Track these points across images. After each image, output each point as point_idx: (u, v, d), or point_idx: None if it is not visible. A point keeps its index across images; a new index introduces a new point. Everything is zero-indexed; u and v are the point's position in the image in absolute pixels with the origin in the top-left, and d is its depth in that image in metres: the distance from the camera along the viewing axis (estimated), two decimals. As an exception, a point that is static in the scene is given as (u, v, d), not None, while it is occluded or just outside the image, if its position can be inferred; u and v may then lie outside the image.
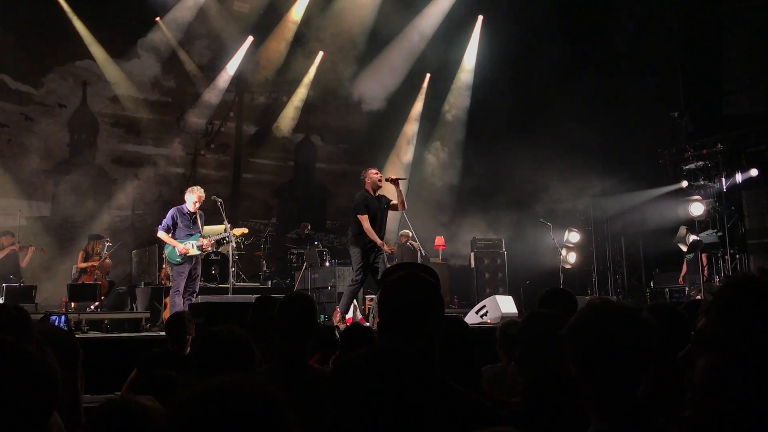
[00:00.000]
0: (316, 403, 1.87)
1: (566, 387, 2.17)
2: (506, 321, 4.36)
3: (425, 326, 2.06)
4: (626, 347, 1.77)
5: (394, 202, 8.48)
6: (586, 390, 1.81)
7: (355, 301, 9.39)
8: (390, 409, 1.54)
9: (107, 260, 11.64)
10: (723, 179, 12.44)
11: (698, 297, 11.25)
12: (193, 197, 8.72)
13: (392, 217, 9.40)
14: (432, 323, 2.08)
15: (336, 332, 4.24)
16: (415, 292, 2.08)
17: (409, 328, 2.03)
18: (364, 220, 8.16)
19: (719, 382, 1.33)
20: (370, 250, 8.25)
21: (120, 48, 14.14)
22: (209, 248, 9.30)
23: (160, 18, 14.16)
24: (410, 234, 11.90)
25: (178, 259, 8.57)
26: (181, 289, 8.46)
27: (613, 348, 1.77)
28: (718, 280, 12.03)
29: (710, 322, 1.36)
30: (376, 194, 8.47)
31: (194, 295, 8.69)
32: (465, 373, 2.84)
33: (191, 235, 8.69)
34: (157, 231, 8.96)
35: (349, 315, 9.09)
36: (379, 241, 8.17)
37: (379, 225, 8.32)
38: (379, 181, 8.43)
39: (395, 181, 8.40)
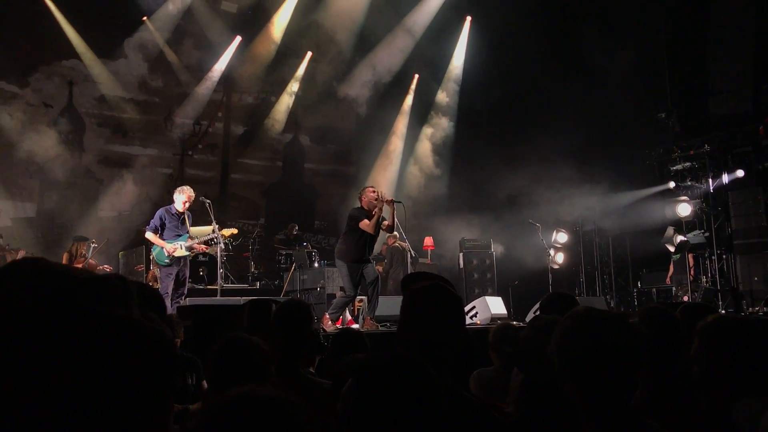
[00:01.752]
0: (310, 411, 1.85)
1: (560, 397, 2.16)
2: (501, 324, 4.35)
3: (450, 337, 2.08)
4: (612, 353, 1.77)
5: (385, 222, 8.41)
6: (577, 399, 1.81)
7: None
8: (409, 419, 1.52)
9: (91, 261, 11.53)
10: (710, 180, 12.51)
11: (685, 298, 11.34)
12: (182, 197, 8.57)
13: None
14: (457, 334, 2.10)
15: (320, 335, 4.21)
16: (444, 303, 2.10)
17: (435, 337, 2.06)
18: (367, 226, 8.06)
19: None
20: (357, 263, 8.16)
21: (107, 47, 14.05)
22: (200, 251, 9.20)
23: (148, 18, 14.08)
24: (398, 235, 11.90)
25: (167, 260, 8.48)
26: (170, 291, 8.37)
27: (599, 355, 1.77)
28: (704, 280, 12.12)
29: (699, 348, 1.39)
30: (372, 212, 8.35)
31: (182, 297, 8.59)
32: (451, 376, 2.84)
33: (179, 235, 8.58)
34: (144, 231, 8.85)
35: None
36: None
37: (370, 241, 8.27)
38: (376, 199, 8.28)
39: (392, 203, 8.35)
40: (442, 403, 1.59)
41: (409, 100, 16.61)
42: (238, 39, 15.08)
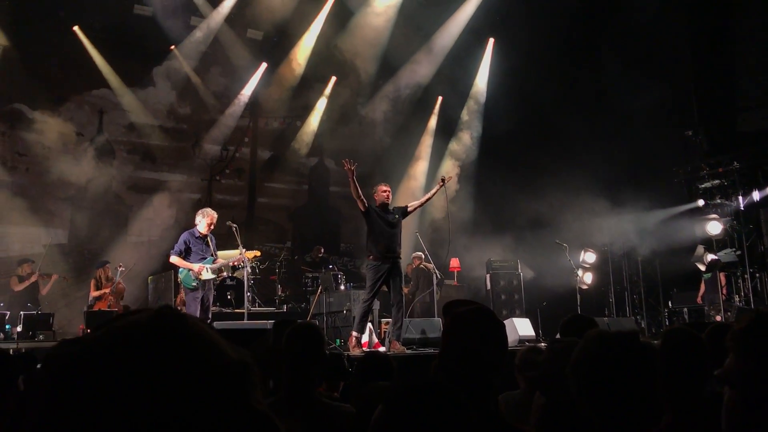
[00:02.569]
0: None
1: (581, 420, 2.15)
2: (527, 347, 4.31)
3: (496, 361, 2.09)
4: (623, 373, 1.76)
5: (413, 204, 8.91)
6: (595, 422, 1.79)
7: (370, 324, 9.36)
8: None
9: (120, 285, 11.69)
10: (740, 197, 12.33)
11: (718, 318, 11.12)
12: (206, 220, 8.62)
13: (405, 238, 9.42)
14: (501, 358, 2.11)
15: (344, 360, 4.17)
16: (489, 327, 2.11)
17: (480, 362, 2.06)
18: (362, 203, 8.41)
19: (739, 415, 1.32)
20: (379, 261, 8.27)
21: (136, 76, 14.34)
22: (223, 272, 9.26)
23: (175, 46, 14.36)
24: (423, 256, 11.88)
25: (194, 284, 8.52)
26: (197, 316, 8.41)
27: (610, 376, 1.76)
28: (737, 299, 11.90)
29: (735, 360, 1.35)
30: (387, 208, 8.55)
31: (207, 321, 8.62)
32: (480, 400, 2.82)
33: (204, 258, 8.65)
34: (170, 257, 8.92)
35: (365, 339, 9.04)
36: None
37: (388, 237, 8.36)
38: (387, 198, 8.56)
39: (443, 181, 8.89)
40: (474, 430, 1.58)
41: (432, 121, 16.66)
42: (264, 65, 15.31)
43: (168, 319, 0.84)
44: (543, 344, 8.10)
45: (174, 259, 8.66)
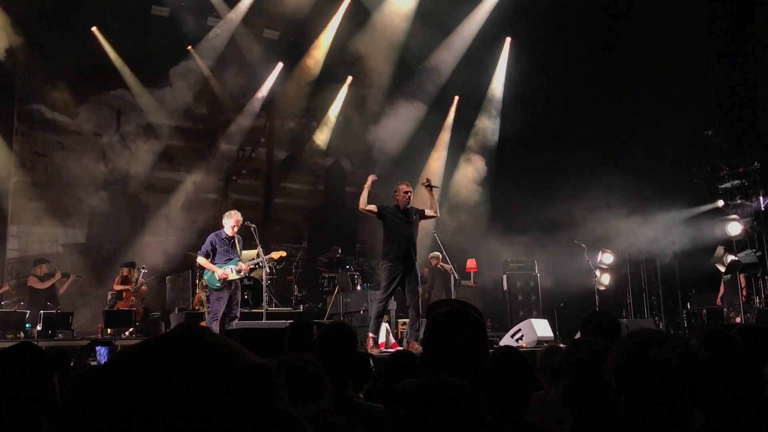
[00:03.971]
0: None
1: (616, 420, 2.11)
2: (548, 347, 4.28)
3: (471, 363, 2.05)
4: (673, 378, 1.71)
5: (428, 212, 8.59)
6: (633, 424, 1.76)
7: (387, 325, 9.35)
8: None
9: (143, 287, 11.79)
10: (761, 198, 12.19)
11: (738, 320, 11.01)
12: (231, 222, 8.76)
13: (423, 238, 9.39)
14: (479, 360, 2.07)
15: (370, 360, 4.15)
16: (464, 328, 2.07)
17: (456, 363, 2.02)
18: (371, 209, 8.43)
19: None
20: (394, 262, 8.24)
21: (153, 77, 14.41)
22: (247, 272, 9.32)
23: (192, 47, 14.42)
24: (440, 256, 11.85)
25: (218, 284, 8.59)
26: (219, 315, 8.45)
27: (660, 380, 1.71)
28: (757, 300, 11.76)
29: None
30: (405, 207, 8.49)
31: (234, 320, 8.67)
32: (510, 401, 2.79)
33: (230, 259, 8.74)
34: (193, 256, 9.01)
35: (382, 339, 9.04)
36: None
37: (402, 237, 8.32)
38: (408, 197, 8.50)
39: (429, 187, 8.56)
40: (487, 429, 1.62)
41: (449, 121, 16.61)
42: (280, 65, 15.34)
43: (191, 333, 0.90)
44: (562, 345, 8.06)
45: (201, 260, 8.85)
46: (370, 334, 8.39)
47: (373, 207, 8.44)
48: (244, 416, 0.83)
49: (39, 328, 10.06)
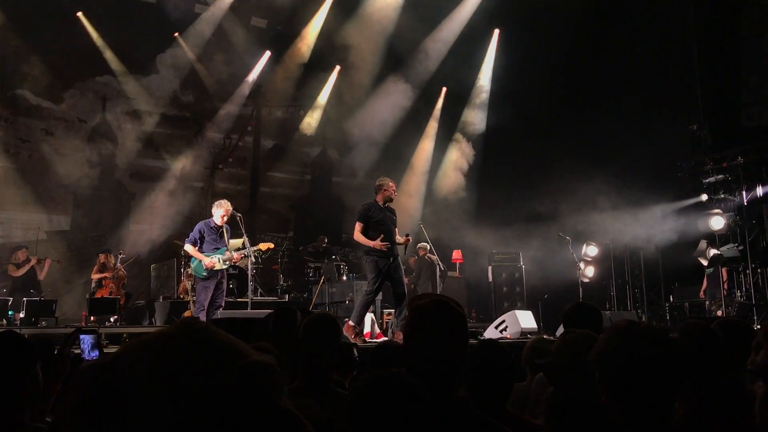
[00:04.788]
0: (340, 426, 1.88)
1: (590, 411, 2.15)
2: (535, 338, 4.31)
3: (451, 354, 2.07)
4: (656, 370, 1.75)
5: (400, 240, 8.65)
6: (618, 415, 1.79)
7: (372, 315, 9.36)
8: None
9: (121, 271, 11.70)
10: (743, 192, 12.31)
11: (719, 313, 11.13)
12: (220, 211, 8.73)
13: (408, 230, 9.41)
14: (458, 352, 2.09)
15: (354, 350, 4.17)
16: (445, 320, 2.09)
17: (436, 354, 2.05)
18: (357, 230, 8.28)
19: None
20: (382, 257, 8.25)
21: (139, 63, 14.29)
22: (236, 260, 9.31)
23: (179, 34, 14.31)
24: (428, 247, 11.88)
25: (204, 273, 8.57)
26: (206, 305, 8.45)
27: (642, 371, 1.75)
28: (739, 294, 11.90)
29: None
30: (385, 205, 8.51)
31: (219, 309, 8.67)
32: (492, 393, 2.83)
33: (217, 249, 8.72)
34: (179, 244, 8.98)
35: (367, 329, 9.06)
36: (374, 243, 8.18)
37: (387, 231, 8.34)
38: (393, 194, 8.54)
39: (406, 239, 8.68)
40: (430, 420, 1.69)
41: (437, 112, 16.61)
42: (268, 54, 15.25)
43: (194, 330, 0.90)
44: (546, 336, 8.11)
45: (188, 248, 8.80)
46: (350, 322, 8.36)
47: (361, 229, 8.38)
48: (248, 415, 0.85)
49: (22, 315, 9.98)
